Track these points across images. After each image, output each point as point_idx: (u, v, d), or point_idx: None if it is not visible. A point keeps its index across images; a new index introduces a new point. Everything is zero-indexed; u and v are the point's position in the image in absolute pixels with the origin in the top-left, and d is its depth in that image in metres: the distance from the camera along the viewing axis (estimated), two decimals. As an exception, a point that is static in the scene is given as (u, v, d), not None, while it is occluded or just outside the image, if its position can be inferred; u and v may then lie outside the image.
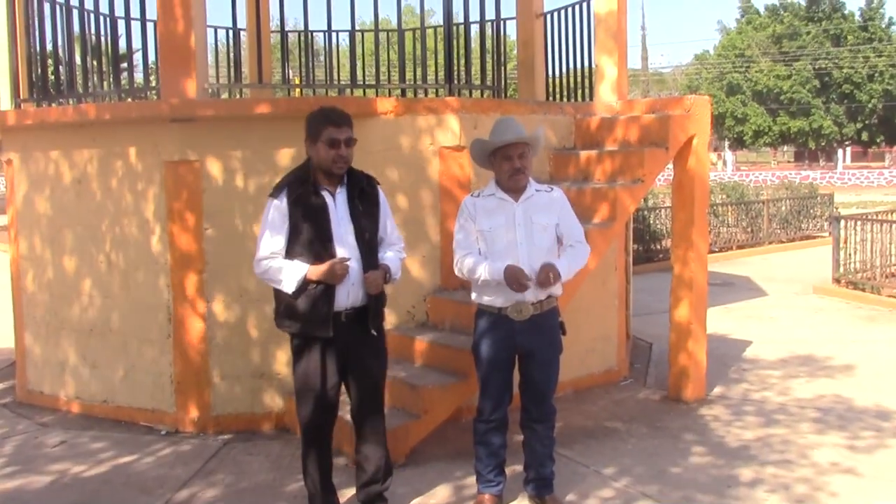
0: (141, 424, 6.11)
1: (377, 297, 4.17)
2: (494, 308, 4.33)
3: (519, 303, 4.26)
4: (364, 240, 4.11)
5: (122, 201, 6.12)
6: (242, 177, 5.84)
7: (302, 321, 4.03)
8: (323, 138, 4.00)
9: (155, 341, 6.04)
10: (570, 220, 4.45)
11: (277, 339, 5.83)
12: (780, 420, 5.97)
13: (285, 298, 4.03)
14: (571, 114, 6.83)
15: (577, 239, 4.43)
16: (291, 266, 3.98)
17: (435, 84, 7.64)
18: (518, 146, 4.31)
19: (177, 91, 5.86)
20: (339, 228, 4.05)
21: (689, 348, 6.43)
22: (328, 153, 4.00)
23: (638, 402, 6.51)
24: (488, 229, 4.33)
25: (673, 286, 6.49)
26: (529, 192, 4.37)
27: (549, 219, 4.36)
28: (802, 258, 15.11)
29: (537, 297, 4.28)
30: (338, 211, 4.07)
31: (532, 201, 4.36)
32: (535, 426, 4.45)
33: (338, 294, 4.01)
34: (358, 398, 4.24)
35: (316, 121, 4.04)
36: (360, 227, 4.11)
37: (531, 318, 4.29)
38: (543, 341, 4.36)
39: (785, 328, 9.17)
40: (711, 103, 6.55)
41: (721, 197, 16.79)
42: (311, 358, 4.08)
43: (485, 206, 4.37)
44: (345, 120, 4.06)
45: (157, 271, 5.97)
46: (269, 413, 5.96)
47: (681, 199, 6.40)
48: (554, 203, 4.41)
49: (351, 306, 4.07)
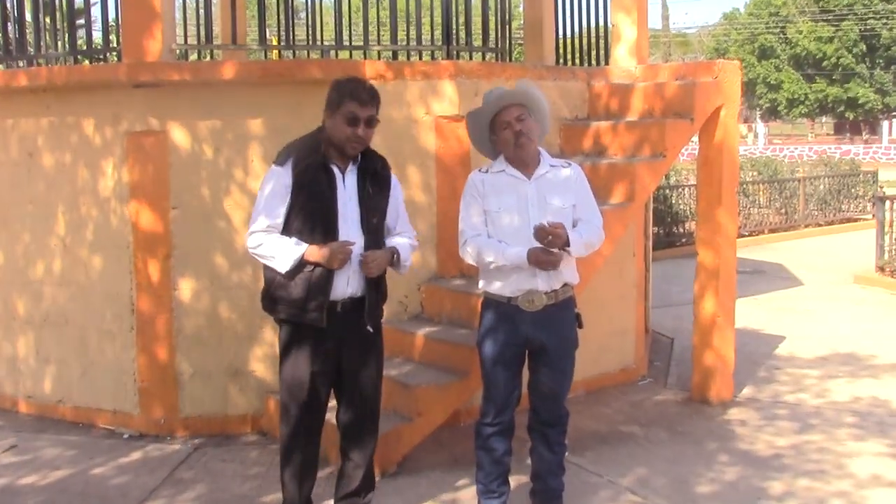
0: (101, 427, 6.12)
1: (377, 289, 4.17)
2: (503, 297, 4.31)
3: (531, 292, 4.24)
4: (370, 224, 4.10)
5: (78, 177, 6.10)
6: (213, 149, 5.82)
7: (293, 307, 4.01)
8: (342, 112, 3.97)
9: (116, 334, 6.04)
10: (588, 202, 4.40)
11: (254, 332, 5.84)
12: (815, 425, 6.00)
13: (277, 279, 4.01)
14: (584, 80, 6.81)
15: (596, 223, 4.39)
16: (288, 243, 3.96)
17: (430, 46, 7.61)
18: (512, 109, 4.27)
19: (140, 53, 5.83)
20: (344, 209, 4.04)
21: (715, 344, 6.44)
22: (344, 130, 3.98)
23: (657, 405, 6.53)
24: (496, 210, 4.29)
25: (697, 274, 6.49)
26: (543, 167, 4.32)
27: (564, 199, 4.30)
28: (843, 243, 15.15)
29: (551, 285, 4.25)
30: (346, 190, 4.06)
31: (546, 179, 4.31)
32: (545, 430, 4.45)
33: (336, 281, 4.00)
34: (349, 400, 4.23)
35: (339, 91, 4.00)
36: (368, 210, 4.10)
37: (544, 308, 4.26)
38: (556, 335, 4.32)
39: (822, 322, 9.19)
40: (742, 69, 6.53)
41: (752, 174, 16.81)
42: (301, 350, 4.07)
43: (494, 184, 4.33)
44: (372, 98, 4.03)
45: (119, 256, 5.97)
46: (245, 415, 5.97)
47: (707, 176, 6.40)
48: (570, 181, 4.35)
49: (349, 296, 4.06)
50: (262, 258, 4.03)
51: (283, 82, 5.78)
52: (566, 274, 4.31)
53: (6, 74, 6.36)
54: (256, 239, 4.01)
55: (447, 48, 6.47)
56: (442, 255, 6.03)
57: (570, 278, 4.36)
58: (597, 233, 4.36)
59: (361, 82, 4.08)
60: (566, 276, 4.31)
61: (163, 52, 5.84)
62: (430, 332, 5.64)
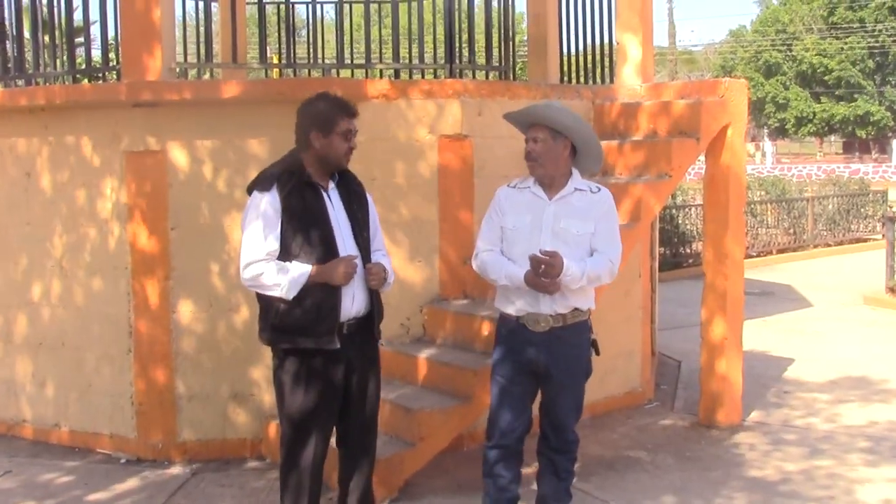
0: (98, 452, 6.11)
1: (379, 305, 4.20)
2: (512, 316, 4.32)
3: (533, 313, 4.24)
4: (362, 239, 4.15)
5: (76, 197, 6.12)
6: (213, 169, 5.84)
7: (301, 333, 3.97)
8: (339, 130, 4.03)
9: (114, 357, 6.04)
10: (607, 233, 4.29)
11: (253, 355, 5.84)
12: (826, 450, 5.98)
13: (278, 307, 3.98)
14: (589, 98, 6.84)
15: (611, 257, 4.29)
16: (292, 268, 3.93)
17: (433, 64, 7.64)
18: (534, 128, 4.26)
19: (139, 71, 5.86)
20: (338, 225, 4.07)
21: (723, 367, 6.43)
22: (342, 147, 4.06)
23: (664, 429, 6.51)
24: (511, 227, 4.29)
25: (704, 296, 6.49)
26: (568, 189, 4.28)
27: (583, 226, 4.24)
28: (852, 264, 15.13)
29: (555, 309, 4.22)
30: (334, 207, 4.09)
31: (567, 201, 4.26)
32: (553, 456, 4.43)
33: (342, 300, 4.00)
34: (353, 423, 4.21)
35: (329, 110, 4.05)
36: (358, 225, 4.15)
37: (550, 331, 4.24)
38: (562, 360, 4.28)
39: (832, 344, 9.18)
40: (749, 87, 6.55)
41: (759, 194, 16.82)
42: (310, 381, 4.01)
43: (516, 200, 4.33)
44: (356, 112, 4.14)
45: (117, 277, 5.98)
46: (244, 439, 5.96)
47: (713, 196, 6.41)
48: (595, 207, 4.28)
49: (354, 316, 4.07)
50: (261, 288, 3.98)
51: (284, 101, 5.78)
52: (575, 299, 4.25)
53: (4, 94, 6.40)
54: (255, 269, 3.95)
55: (450, 66, 6.49)
56: (445, 276, 6.04)
57: (582, 303, 4.30)
58: (607, 267, 4.26)
59: (342, 98, 4.16)
60: (575, 301, 4.26)
61: (162, 71, 5.88)
62: (432, 355, 5.64)
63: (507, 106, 6.15)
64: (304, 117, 4.10)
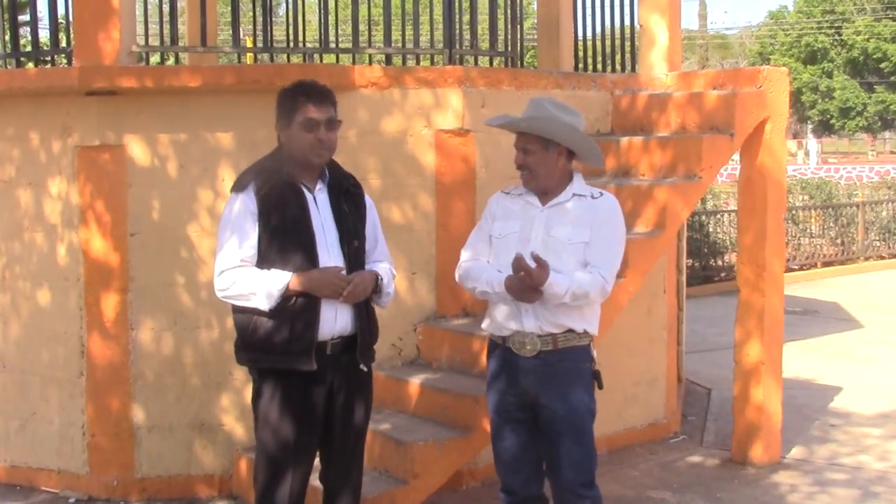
0: (42, 490, 6.12)
1: (369, 325, 4.20)
2: (499, 337, 4.34)
3: (518, 332, 4.22)
4: (351, 248, 4.15)
5: (20, 198, 6.15)
6: (178, 167, 5.87)
7: (274, 352, 4.00)
8: (298, 119, 4.02)
9: (62, 381, 6.06)
10: (602, 244, 4.23)
11: (223, 380, 5.86)
12: (879, 493, 5.99)
13: (252, 324, 4.01)
14: (608, 89, 6.88)
15: (603, 273, 4.19)
16: (269, 275, 3.95)
17: (431, 49, 7.67)
18: (520, 136, 4.28)
19: (94, 55, 5.88)
20: (321, 232, 4.08)
21: (760, 396, 6.46)
22: (304, 138, 4.02)
23: (692, 467, 6.53)
24: (499, 236, 4.34)
25: (738, 315, 6.52)
26: (565, 195, 4.28)
27: (575, 234, 4.21)
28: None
29: (541, 327, 4.18)
30: (319, 212, 4.11)
31: (561, 208, 4.27)
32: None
33: (323, 317, 4.01)
34: (335, 456, 4.24)
35: (289, 98, 4.06)
36: (348, 232, 4.15)
37: (539, 355, 4.21)
38: (554, 391, 4.21)
39: (886, 372, 9.18)
40: (790, 76, 6.59)
41: (802, 198, 16.86)
42: (286, 407, 4.03)
43: (507, 208, 4.37)
44: (326, 96, 4.08)
45: (67, 290, 6.00)
46: (211, 475, 5.97)
47: (749, 202, 6.44)
48: (592, 213, 4.25)
49: (339, 335, 4.09)
50: (236, 299, 4.01)
51: (259, 90, 5.82)
52: (566, 317, 4.19)
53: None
54: (228, 278, 3.98)
55: (449, 52, 6.52)
56: (441, 290, 6.06)
57: (576, 324, 4.23)
58: (597, 284, 4.16)
59: (312, 83, 4.12)
60: (567, 320, 4.19)
61: (121, 55, 5.89)
62: (427, 380, 5.67)
63: (514, 96, 6.21)
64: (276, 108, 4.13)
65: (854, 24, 50.96)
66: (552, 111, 4.23)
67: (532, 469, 4.37)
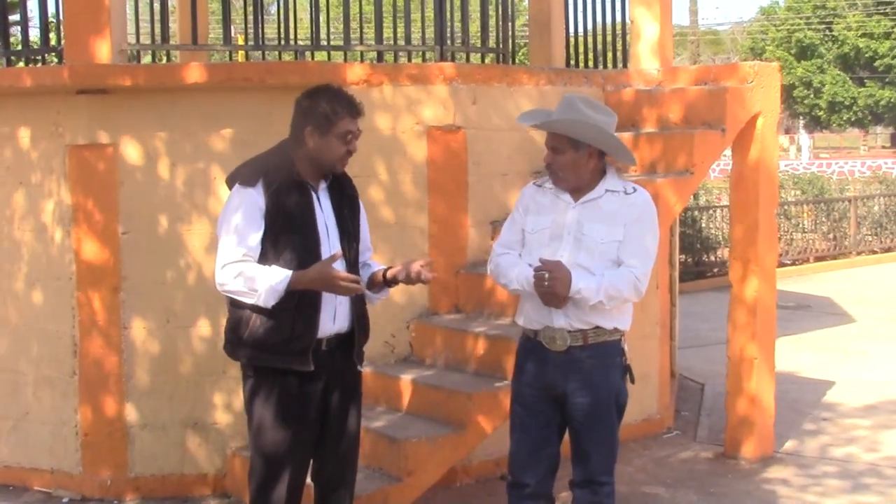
0: (36, 490, 6.11)
1: (362, 322, 4.22)
2: (531, 331, 4.33)
3: (549, 328, 4.22)
4: (352, 250, 4.18)
5: (11, 198, 6.13)
6: (170, 165, 5.86)
7: (270, 350, 3.99)
8: (337, 131, 4.02)
9: (55, 381, 6.05)
10: (636, 242, 4.18)
11: (217, 379, 5.86)
12: (870, 485, 6.02)
13: (248, 318, 4.00)
14: (599, 85, 6.89)
15: (636, 272, 4.16)
16: (270, 272, 3.93)
17: (422, 46, 7.69)
18: (550, 134, 4.20)
19: (85, 54, 5.87)
20: (325, 233, 4.10)
21: (752, 391, 6.47)
22: (339, 149, 4.05)
23: (685, 462, 6.55)
24: (531, 231, 4.29)
25: (731, 310, 6.54)
26: (598, 191, 4.21)
27: (609, 232, 4.16)
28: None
29: (571, 324, 4.17)
30: (323, 211, 4.12)
31: (594, 204, 4.20)
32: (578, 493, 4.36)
33: (323, 316, 4.02)
34: (332, 455, 4.23)
35: (329, 107, 4.03)
36: (349, 234, 4.18)
37: (569, 350, 4.21)
38: (581, 385, 4.21)
39: (877, 366, 9.21)
40: (781, 71, 6.60)
41: (794, 193, 16.90)
42: (281, 405, 4.03)
43: (539, 202, 4.31)
44: (360, 110, 4.13)
45: (59, 289, 5.99)
46: (205, 474, 5.96)
47: (741, 197, 6.46)
48: (626, 210, 4.19)
49: (335, 332, 4.10)
50: (237, 294, 3.97)
51: (251, 88, 5.83)
52: (596, 316, 4.17)
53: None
54: (231, 271, 3.95)
55: (441, 49, 6.53)
56: (434, 287, 6.04)
57: (605, 321, 4.21)
58: (629, 283, 4.14)
59: (345, 92, 4.14)
60: (597, 318, 4.18)
61: (112, 54, 5.88)
62: (420, 377, 5.67)
63: (506, 93, 6.22)
64: (301, 110, 4.09)
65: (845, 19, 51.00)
66: (583, 110, 4.14)
67: (548, 465, 4.35)
